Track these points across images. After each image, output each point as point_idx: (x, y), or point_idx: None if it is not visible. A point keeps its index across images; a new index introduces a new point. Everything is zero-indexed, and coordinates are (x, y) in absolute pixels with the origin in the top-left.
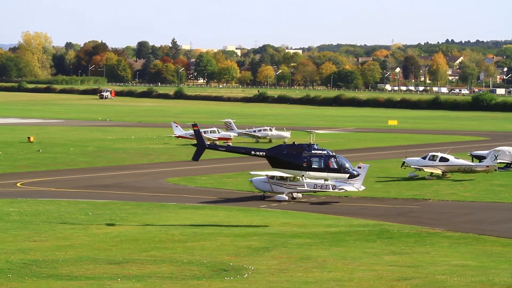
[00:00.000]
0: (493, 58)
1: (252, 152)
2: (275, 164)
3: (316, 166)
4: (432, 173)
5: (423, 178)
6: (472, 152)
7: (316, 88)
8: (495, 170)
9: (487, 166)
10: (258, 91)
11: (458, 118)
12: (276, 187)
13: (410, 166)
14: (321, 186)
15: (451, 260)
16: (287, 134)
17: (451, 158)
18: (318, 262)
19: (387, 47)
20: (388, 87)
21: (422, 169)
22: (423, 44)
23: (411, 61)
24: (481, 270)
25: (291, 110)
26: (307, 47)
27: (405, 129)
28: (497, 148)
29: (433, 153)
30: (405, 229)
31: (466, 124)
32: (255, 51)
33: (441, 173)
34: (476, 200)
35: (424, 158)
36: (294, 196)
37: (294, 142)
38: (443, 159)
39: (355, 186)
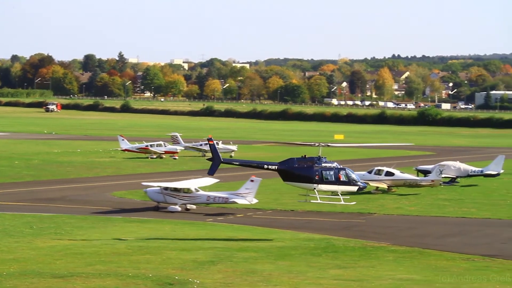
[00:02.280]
0: (438, 73)
1: (265, 166)
2: (286, 178)
3: (327, 179)
4: (377, 187)
5: (369, 192)
6: (418, 166)
7: (263, 102)
8: (440, 184)
9: (432, 181)
10: (204, 104)
11: (403, 132)
12: (169, 198)
13: None
14: (214, 199)
15: (396, 274)
16: (233, 147)
17: (396, 172)
18: (263, 276)
19: (333, 62)
20: (334, 101)
21: (367, 183)
22: (369, 59)
23: (357, 76)
24: (426, 284)
25: (238, 124)
26: (254, 61)
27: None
28: (442, 163)
29: (379, 168)
30: (351, 243)
31: (411, 139)
32: (202, 65)
33: (387, 187)
34: (421, 215)
35: (369, 172)
36: (188, 207)
37: (304, 155)
38: (388, 174)
39: (247, 199)
